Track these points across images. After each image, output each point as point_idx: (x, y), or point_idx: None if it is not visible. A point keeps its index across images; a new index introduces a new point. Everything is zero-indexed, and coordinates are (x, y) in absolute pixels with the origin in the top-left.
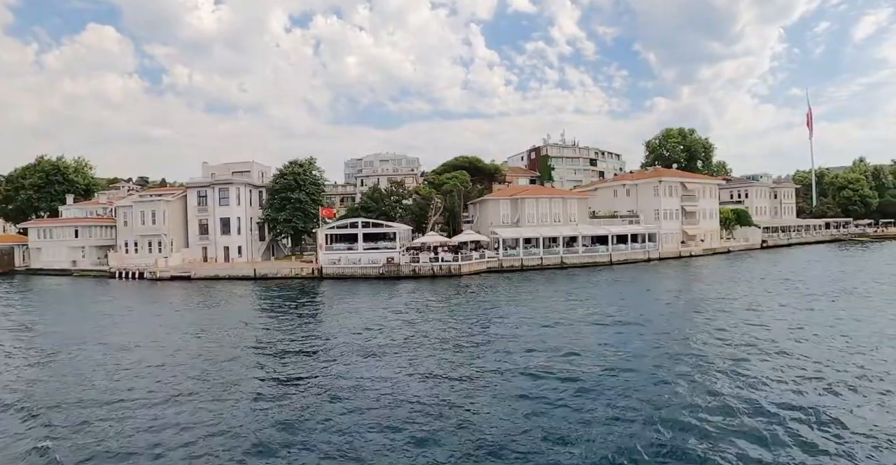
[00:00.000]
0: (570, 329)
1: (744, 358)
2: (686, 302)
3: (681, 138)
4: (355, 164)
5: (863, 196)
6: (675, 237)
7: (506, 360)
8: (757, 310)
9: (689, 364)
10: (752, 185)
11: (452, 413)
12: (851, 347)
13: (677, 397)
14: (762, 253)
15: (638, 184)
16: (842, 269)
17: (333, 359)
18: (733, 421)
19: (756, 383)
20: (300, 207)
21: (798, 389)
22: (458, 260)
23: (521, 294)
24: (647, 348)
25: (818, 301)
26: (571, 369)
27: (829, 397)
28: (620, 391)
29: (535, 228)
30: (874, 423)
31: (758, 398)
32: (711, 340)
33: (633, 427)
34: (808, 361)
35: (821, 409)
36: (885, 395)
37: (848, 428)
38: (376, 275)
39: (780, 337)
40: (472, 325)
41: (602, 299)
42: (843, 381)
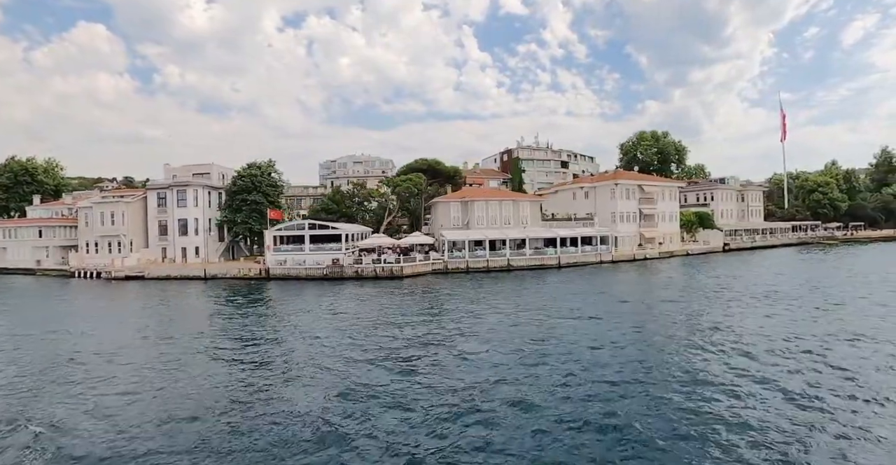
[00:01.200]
0: (460, 342)
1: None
2: (600, 304)
3: (654, 141)
4: (329, 165)
5: (832, 199)
6: (633, 240)
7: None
8: (661, 314)
9: (574, 374)
10: (717, 187)
11: (354, 418)
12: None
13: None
14: (722, 256)
15: (596, 187)
16: (781, 272)
17: (245, 360)
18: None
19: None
20: (257, 208)
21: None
22: (401, 262)
23: (448, 298)
24: (533, 354)
25: (737, 306)
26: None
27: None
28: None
29: (482, 230)
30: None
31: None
32: (596, 343)
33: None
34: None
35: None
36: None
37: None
38: (320, 276)
39: (676, 337)
40: (378, 329)
41: (527, 303)
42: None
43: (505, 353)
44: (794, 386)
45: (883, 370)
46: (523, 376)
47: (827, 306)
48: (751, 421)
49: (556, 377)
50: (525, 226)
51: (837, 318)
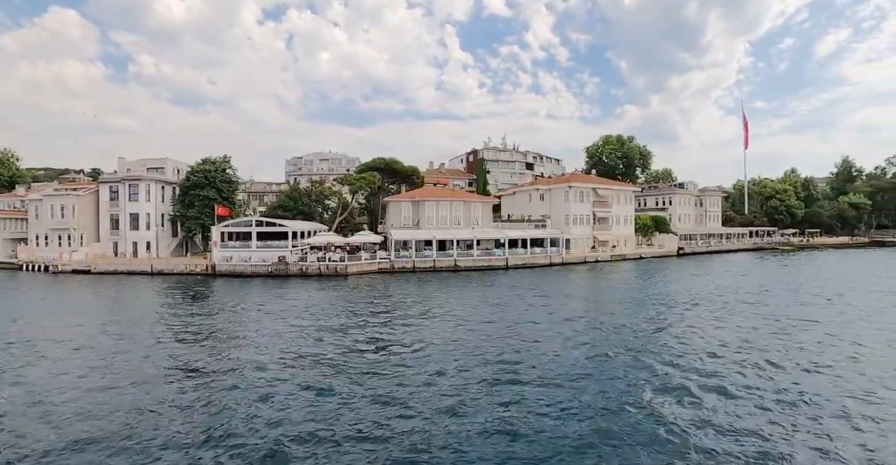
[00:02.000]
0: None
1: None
2: (534, 305)
3: (619, 145)
4: (296, 162)
5: (788, 206)
6: (586, 242)
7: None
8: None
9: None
10: (675, 192)
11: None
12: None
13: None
14: (676, 260)
15: (551, 189)
16: (723, 276)
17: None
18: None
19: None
20: (210, 204)
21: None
22: (346, 260)
23: (382, 298)
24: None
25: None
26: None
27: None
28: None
29: (430, 230)
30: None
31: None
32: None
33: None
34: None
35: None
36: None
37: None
38: (266, 273)
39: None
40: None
41: (461, 304)
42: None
43: (422, 356)
44: (719, 391)
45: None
46: (435, 380)
47: (745, 308)
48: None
49: (473, 380)
50: (474, 227)
51: (755, 324)
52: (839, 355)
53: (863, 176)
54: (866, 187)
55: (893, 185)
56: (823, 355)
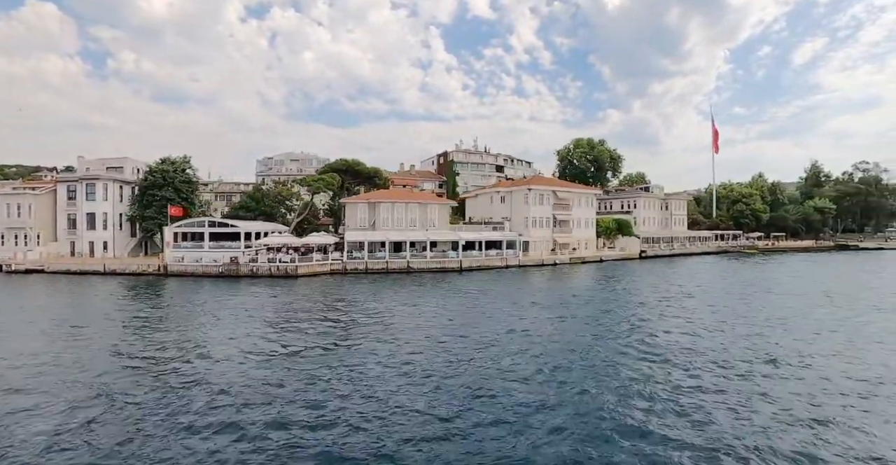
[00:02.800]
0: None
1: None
2: (481, 305)
3: (589, 149)
4: (267, 162)
5: (754, 210)
6: (546, 245)
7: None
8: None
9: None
10: (640, 196)
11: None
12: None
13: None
14: (637, 263)
15: (512, 191)
16: (670, 279)
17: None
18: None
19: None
20: (167, 204)
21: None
22: (296, 261)
23: (324, 298)
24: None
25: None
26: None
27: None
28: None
29: (384, 232)
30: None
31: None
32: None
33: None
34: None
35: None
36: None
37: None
38: (216, 274)
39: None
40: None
41: (405, 305)
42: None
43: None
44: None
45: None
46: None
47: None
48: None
49: (399, 381)
50: (427, 229)
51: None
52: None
53: (830, 181)
54: (832, 192)
55: (858, 190)
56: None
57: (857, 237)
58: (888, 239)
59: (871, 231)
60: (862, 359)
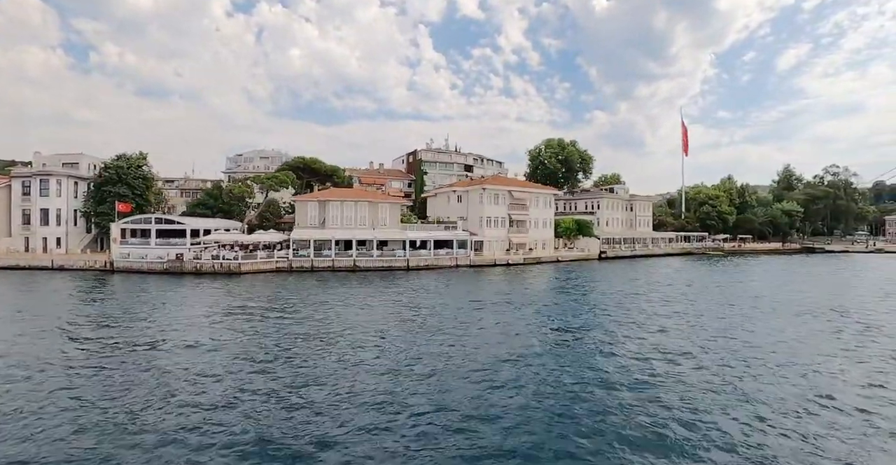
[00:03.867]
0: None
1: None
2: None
3: (559, 149)
4: (236, 159)
5: (720, 212)
6: (501, 245)
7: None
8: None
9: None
10: (603, 196)
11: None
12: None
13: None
14: (595, 264)
15: (468, 191)
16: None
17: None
18: None
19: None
20: (121, 200)
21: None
22: (239, 259)
23: (259, 297)
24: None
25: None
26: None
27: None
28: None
29: (330, 230)
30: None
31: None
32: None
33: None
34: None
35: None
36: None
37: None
38: (161, 270)
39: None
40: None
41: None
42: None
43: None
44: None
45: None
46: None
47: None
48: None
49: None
50: (375, 228)
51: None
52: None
53: (801, 184)
54: (801, 195)
55: (827, 193)
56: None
57: (825, 240)
58: (855, 242)
59: (840, 234)
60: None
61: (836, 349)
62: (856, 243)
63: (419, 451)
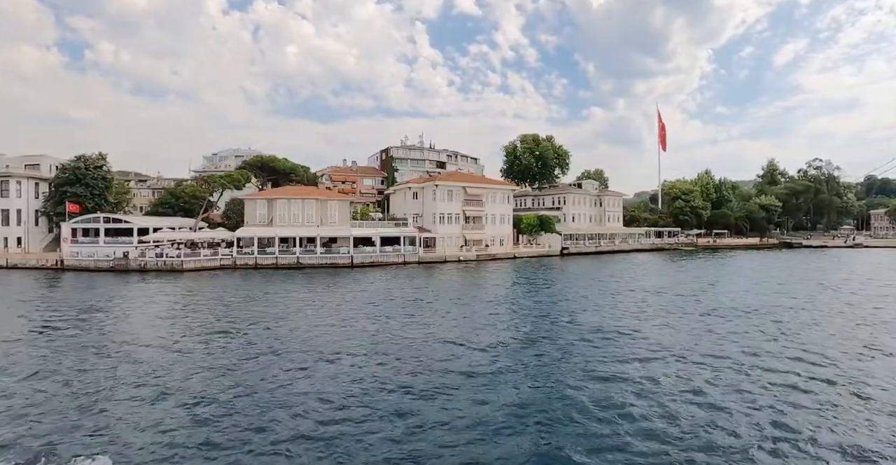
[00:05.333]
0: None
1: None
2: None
3: (534, 145)
4: (212, 158)
5: (694, 207)
6: (455, 241)
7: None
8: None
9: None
10: (569, 192)
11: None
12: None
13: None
14: (556, 260)
15: (423, 187)
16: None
17: None
18: None
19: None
20: (79, 201)
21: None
22: (181, 257)
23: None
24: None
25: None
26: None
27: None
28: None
29: (273, 228)
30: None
31: None
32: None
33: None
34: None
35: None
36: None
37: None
38: (108, 268)
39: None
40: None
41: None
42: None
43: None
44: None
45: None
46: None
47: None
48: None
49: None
50: (318, 226)
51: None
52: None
53: (784, 179)
54: (782, 190)
55: (807, 187)
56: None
57: (805, 235)
58: (835, 237)
59: (822, 228)
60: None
61: (717, 353)
62: (836, 238)
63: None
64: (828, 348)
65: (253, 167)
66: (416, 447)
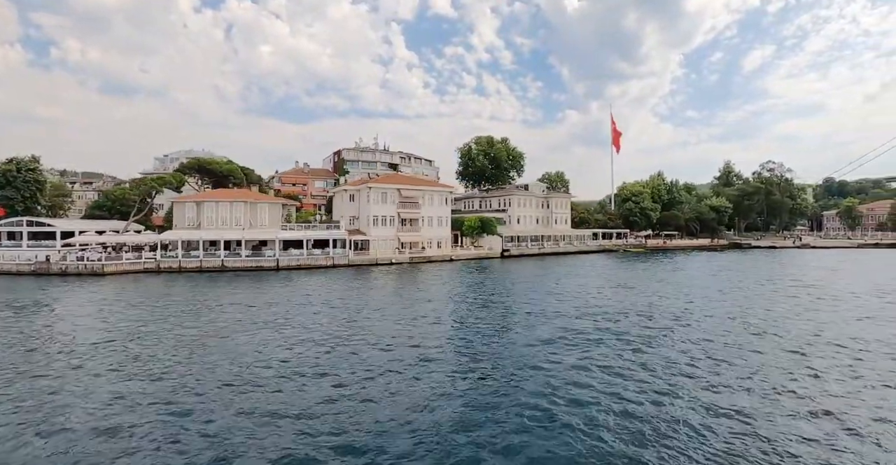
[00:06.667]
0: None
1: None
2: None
3: (488, 146)
4: (163, 159)
5: (643, 209)
6: (390, 244)
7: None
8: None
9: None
10: (513, 194)
11: None
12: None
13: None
14: (496, 262)
15: (359, 190)
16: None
17: None
18: None
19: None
20: (9, 204)
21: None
22: (103, 260)
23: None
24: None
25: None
26: None
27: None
28: None
29: (199, 230)
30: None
31: None
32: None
33: None
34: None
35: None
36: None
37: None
38: (29, 271)
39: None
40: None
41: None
42: None
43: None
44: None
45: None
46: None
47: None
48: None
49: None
50: (244, 228)
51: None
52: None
53: (740, 181)
54: (734, 191)
55: (757, 188)
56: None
57: (756, 235)
58: (786, 238)
59: (775, 229)
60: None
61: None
62: (787, 239)
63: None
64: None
65: (190, 169)
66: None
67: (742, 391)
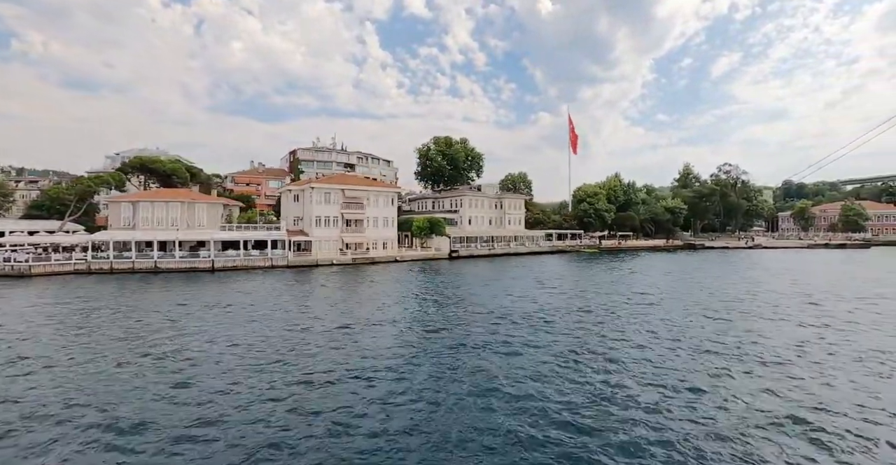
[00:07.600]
0: None
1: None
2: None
3: (446, 147)
4: (115, 158)
5: (597, 209)
6: (333, 245)
7: None
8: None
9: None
10: (465, 194)
11: None
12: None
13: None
14: (444, 263)
15: (303, 190)
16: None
17: None
18: None
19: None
20: None
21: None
22: (30, 261)
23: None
24: None
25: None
26: None
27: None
28: None
29: (131, 231)
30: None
31: None
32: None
33: None
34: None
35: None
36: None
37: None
38: None
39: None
40: None
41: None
42: None
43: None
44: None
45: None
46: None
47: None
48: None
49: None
50: (181, 229)
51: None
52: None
53: (698, 183)
54: (690, 193)
55: (713, 190)
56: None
57: (711, 236)
58: (739, 239)
59: (731, 230)
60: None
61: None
62: (740, 239)
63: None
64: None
65: (133, 168)
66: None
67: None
